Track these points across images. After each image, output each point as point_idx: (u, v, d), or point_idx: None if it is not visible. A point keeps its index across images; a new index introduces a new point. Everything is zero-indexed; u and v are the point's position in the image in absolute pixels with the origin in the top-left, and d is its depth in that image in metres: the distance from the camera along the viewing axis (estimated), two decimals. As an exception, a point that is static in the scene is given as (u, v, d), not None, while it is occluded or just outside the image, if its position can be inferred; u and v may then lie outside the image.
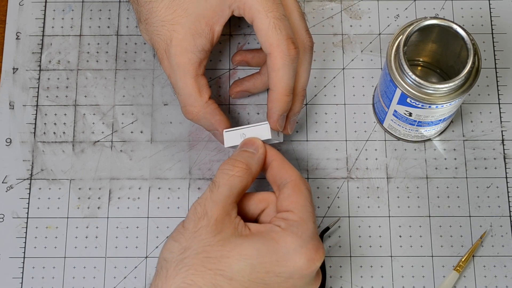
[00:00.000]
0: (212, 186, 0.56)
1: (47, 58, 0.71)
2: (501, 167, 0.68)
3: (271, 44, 0.59)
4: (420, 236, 0.66)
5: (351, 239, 0.66)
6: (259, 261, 0.53)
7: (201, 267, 0.53)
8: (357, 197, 0.67)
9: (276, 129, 0.61)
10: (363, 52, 0.71)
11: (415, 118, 0.63)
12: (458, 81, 0.58)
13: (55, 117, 0.69)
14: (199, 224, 0.54)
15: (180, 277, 0.53)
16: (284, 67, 0.59)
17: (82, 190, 0.67)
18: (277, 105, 0.60)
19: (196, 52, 0.60)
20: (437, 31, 0.62)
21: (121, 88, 0.70)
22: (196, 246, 0.53)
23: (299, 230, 0.54)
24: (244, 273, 0.53)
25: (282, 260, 0.53)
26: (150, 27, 0.61)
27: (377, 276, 0.65)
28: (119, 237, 0.66)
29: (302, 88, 0.63)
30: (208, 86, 0.62)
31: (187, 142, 0.69)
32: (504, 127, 0.69)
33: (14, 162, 0.68)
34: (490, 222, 0.66)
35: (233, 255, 0.53)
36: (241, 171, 0.57)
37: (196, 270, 0.53)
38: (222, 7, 0.60)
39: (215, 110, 0.62)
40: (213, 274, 0.53)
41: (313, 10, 0.73)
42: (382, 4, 0.73)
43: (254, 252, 0.53)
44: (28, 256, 0.66)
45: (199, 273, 0.53)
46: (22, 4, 0.73)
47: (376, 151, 0.68)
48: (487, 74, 0.71)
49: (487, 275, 0.65)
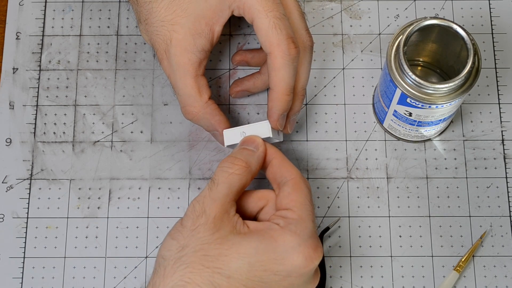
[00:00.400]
0: (211, 184, 0.56)
1: (47, 58, 0.71)
2: (501, 167, 0.68)
3: (272, 43, 0.59)
4: (420, 236, 0.66)
5: (351, 239, 0.66)
6: (257, 259, 0.53)
7: (199, 265, 0.53)
8: (357, 197, 0.67)
9: (277, 128, 0.61)
10: (363, 52, 0.71)
11: (415, 118, 0.63)
12: (458, 81, 0.58)
13: (55, 117, 0.69)
14: (197, 222, 0.54)
15: (178, 275, 0.53)
16: (284, 66, 0.59)
17: (82, 190, 0.67)
18: (277, 104, 0.60)
19: (196, 52, 0.60)
20: (437, 31, 0.62)
21: (121, 88, 0.70)
22: (194, 244, 0.53)
23: (297, 228, 0.54)
24: (242, 271, 0.53)
25: (280, 258, 0.53)
26: (150, 27, 0.61)
27: (377, 276, 0.65)
28: (119, 237, 0.66)
29: (302, 88, 0.63)
30: (208, 86, 0.62)
31: (187, 142, 0.69)
32: (504, 127, 0.69)
33: (14, 162, 0.68)
34: (490, 222, 0.66)
35: (231, 253, 0.53)
36: (241, 169, 0.57)
37: (194, 268, 0.53)
38: (222, 7, 0.60)
39: (214, 110, 0.62)
40: (211, 272, 0.53)
41: (313, 10, 0.73)
42: (382, 4, 0.73)
43: (252, 250, 0.53)
44: (28, 256, 0.66)
45: (197, 271, 0.53)
46: (22, 4, 0.73)
47: (376, 151, 0.68)
48: (487, 74, 0.71)
49: (487, 275, 0.65)
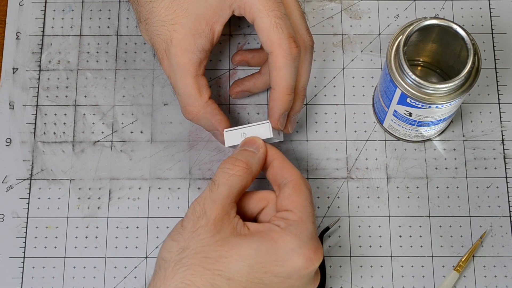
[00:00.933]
0: (211, 185, 0.56)
1: (47, 58, 0.71)
2: (501, 167, 0.68)
3: (273, 43, 0.59)
4: (420, 236, 0.66)
5: (351, 239, 0.66)
6: (257, 261, 0.53)
7: (199, 267, 0.53)
8: (357, 197, 0.67)
9: (277, 127, 0.61)
10: (363, 52, 0.71)
11: (415, 118, 0.63)
12: (458, 81, 0.58)
13: (55, 117, 0.69)
14: (197, 223, 0.54)
15: (179, 277, 0.53)
16: (286, 66, 0.59)
17: (82, 190, 0.67)
18: (278, 104, 0.60)
19: (196, 52, 0.60)
20: (437, 31, 0.62)
21: (121, 88, 0.70)
22: (195, 246, 0.53)
23: (298, 230, 0.54)
24: (242, 273, 0.53)
25: (280, 260, 0.53)
26: (150, 27, 0.61)
27: (377, 276, 0.65)
28: (119, 237, 0.66)
29: (302, 88, 0.63)
30: (208, 86, 0.62)
31: (187, 142, 0.69)
32: (504, 127, 0.69)
33: (14, 162, 0.68)
34: (490, 222, 0.66)
35: (232, 255, 0.53)
36: (241, 170, 0.57)
37: (195, 270, 0.53)
38: (223, 7, 0.60)
39: (215, 110, 0.62)
40: (211, 274, 0.53)
41: (313, 10, 0.73)
42: (382, 4, 0.73)
43: (252, 252, 0.53)
44: (28, 256, 0.66)
45: (197, 273, 0.53)
46: (22, 4, 0.73)
47: (376, 151, 0.68)
48: (487, 74, 0.71)
49: (487, 275, 0.65)
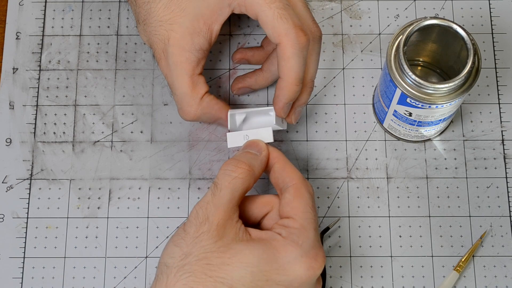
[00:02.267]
0: (214, 188, 0.56)
1: (47, 58, 0.71)
2: (501, 167, 0.68)
3: (279, 34, 0.58)
4: (420, 236, 0.66)
5: (351, 239, 0.66)
6: (259, 269, 0.53)
7: (201, 274, 0.53)
8: (357, 197, 0.67)
9: (280, 115, 0.61)
10: (363, 52, 0.71)
11: (415, 118, 0.63)
12: (458, 81, 0.58)
13: (55, 117, 0.69)
14: (200, 229, 0.54)
15: (181, 284, 0.52)
16: (294, 55, 0.58)
17: (82, 190, 0.67)
18: (285, 93, 0.59)
19: (194, 51, 0.60)
20: (437, 31, 0.62)
21: (121, 88, 0.70)
22: (197, 252, 0.53)
23: (299, 238, 0.54)
24: (244, 281, 0.53)
25: (282, 269, 0.53)
26: (148, 28, 0.61)
27: (377, 276, 0.65)
28: (119, 237, 0.66)
29: (310, 79, 0.62)
30: (205, 84, 0.61)
31: (187, 142, 0.69)
32: (504, 127, 0.69)
33: (14, 162, 0.68)
34: (490, 222, 0.66)
35: (234, 262, 0.53)
36: (244, 173, 0.57)
37: (197, 277, 0.52)
38: (221, 6, 0.60)
39: (212, 100, 0.61)
40: (213, 281, 0.52)
41: (313, 10, 0.73)
42: (382, 4, 0.73)
43: (254, 260, 0.53)
44: (28, 256, 0.66)
45: (199, 280, 0.52)
46: (22, 4, 0.73)
47: (376, 151, 0.68)
48: (487, 74, 0.70)
49: (487, 275, 0.65)
